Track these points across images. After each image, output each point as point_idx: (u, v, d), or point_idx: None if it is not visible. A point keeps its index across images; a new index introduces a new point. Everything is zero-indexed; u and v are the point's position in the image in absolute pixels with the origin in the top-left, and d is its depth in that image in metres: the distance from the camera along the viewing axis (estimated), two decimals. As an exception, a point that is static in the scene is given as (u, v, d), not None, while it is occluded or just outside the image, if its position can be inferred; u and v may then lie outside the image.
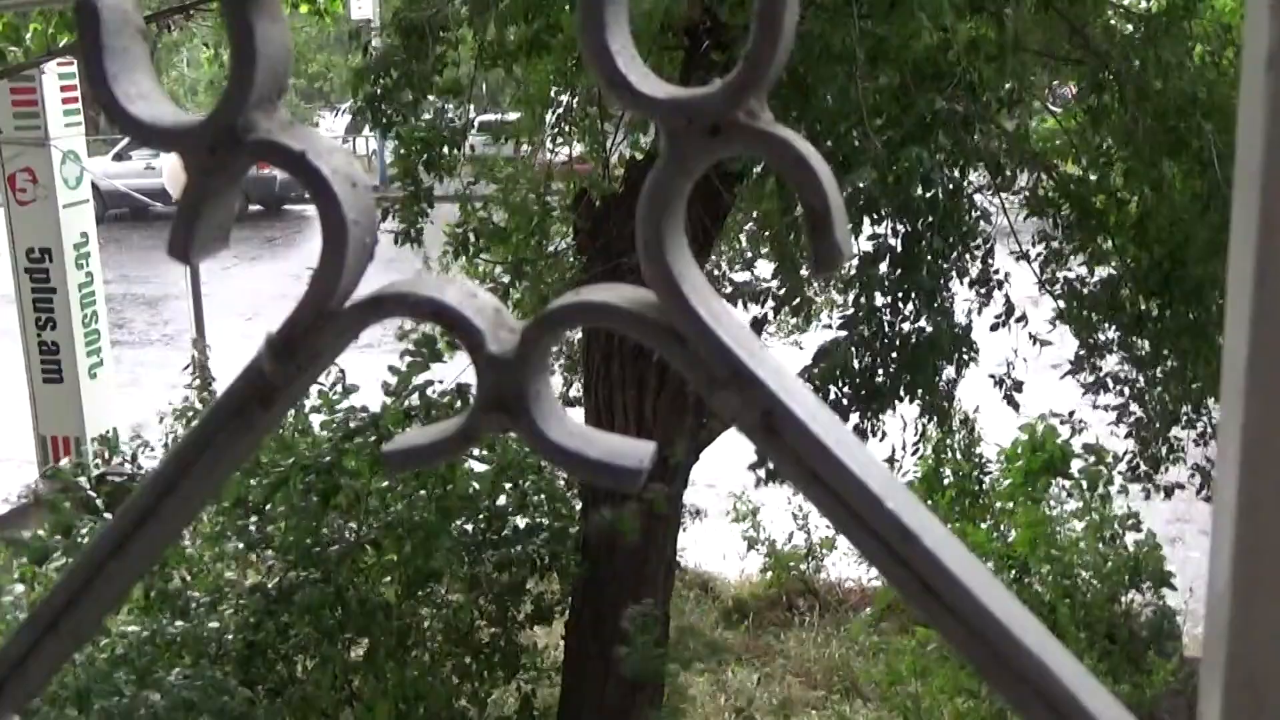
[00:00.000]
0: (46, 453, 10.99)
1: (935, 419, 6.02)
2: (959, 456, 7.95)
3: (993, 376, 6.40)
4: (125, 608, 5.44)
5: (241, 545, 5.78)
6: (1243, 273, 0.45)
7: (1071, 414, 7.26)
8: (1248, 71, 0.44)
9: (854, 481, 0.54)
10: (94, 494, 6.06)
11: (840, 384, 5.31)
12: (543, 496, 6.39)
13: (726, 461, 7.93)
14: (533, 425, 0.56)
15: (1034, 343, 6.36)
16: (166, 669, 5.17)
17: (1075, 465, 7.59)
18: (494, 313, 0.57)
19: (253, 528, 5.79)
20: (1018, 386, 6.35)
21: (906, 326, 5.40)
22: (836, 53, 4.50)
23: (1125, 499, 7.51)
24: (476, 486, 6.07)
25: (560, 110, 7.02)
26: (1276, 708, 0.51)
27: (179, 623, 5.41)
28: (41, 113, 10.19)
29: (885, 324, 5.37)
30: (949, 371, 5.72)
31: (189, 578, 5.82)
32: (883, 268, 5.29)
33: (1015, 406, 6.34)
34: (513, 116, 7.54)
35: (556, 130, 7.07)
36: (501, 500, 6.21)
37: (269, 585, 5.63)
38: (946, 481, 7.93)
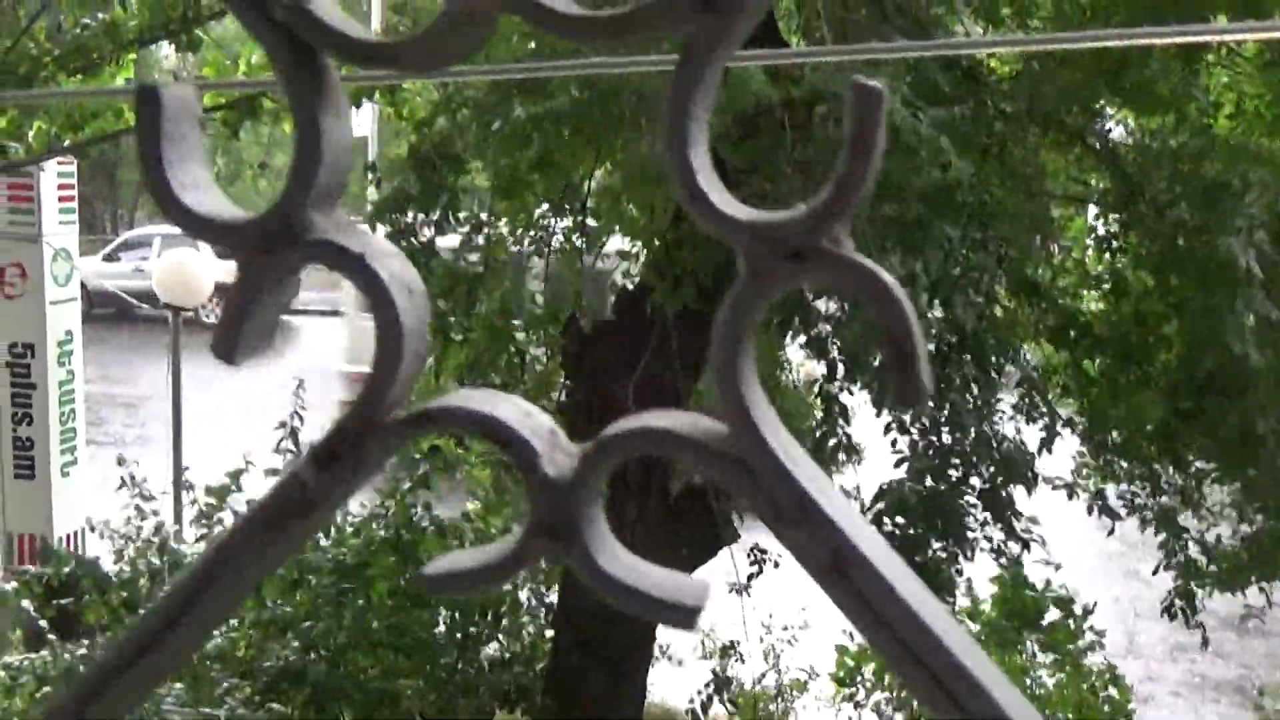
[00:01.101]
0: (11, 550, 10.80)
1: (1010, 538, 5.75)
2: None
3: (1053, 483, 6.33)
4: None
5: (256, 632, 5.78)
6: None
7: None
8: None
9: (921, 628, 0.51)
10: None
11: (908, 516, 5.31)
12: (513, 620, 6.30)
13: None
14: (586, 553, 0.53)
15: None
16: None
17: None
18: (549, 433, 0.54)
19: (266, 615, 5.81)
20: (1100, 495, 6.20)
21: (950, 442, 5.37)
22: None
23: (1102, 653, 7.41)
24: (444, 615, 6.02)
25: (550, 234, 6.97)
26: None
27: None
28: (36, 209, 10.22)
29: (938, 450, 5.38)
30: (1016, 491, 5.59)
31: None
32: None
33: (1112, 515, 6.13)
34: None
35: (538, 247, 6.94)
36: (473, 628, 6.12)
37: (282, 664, 5.61)
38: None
